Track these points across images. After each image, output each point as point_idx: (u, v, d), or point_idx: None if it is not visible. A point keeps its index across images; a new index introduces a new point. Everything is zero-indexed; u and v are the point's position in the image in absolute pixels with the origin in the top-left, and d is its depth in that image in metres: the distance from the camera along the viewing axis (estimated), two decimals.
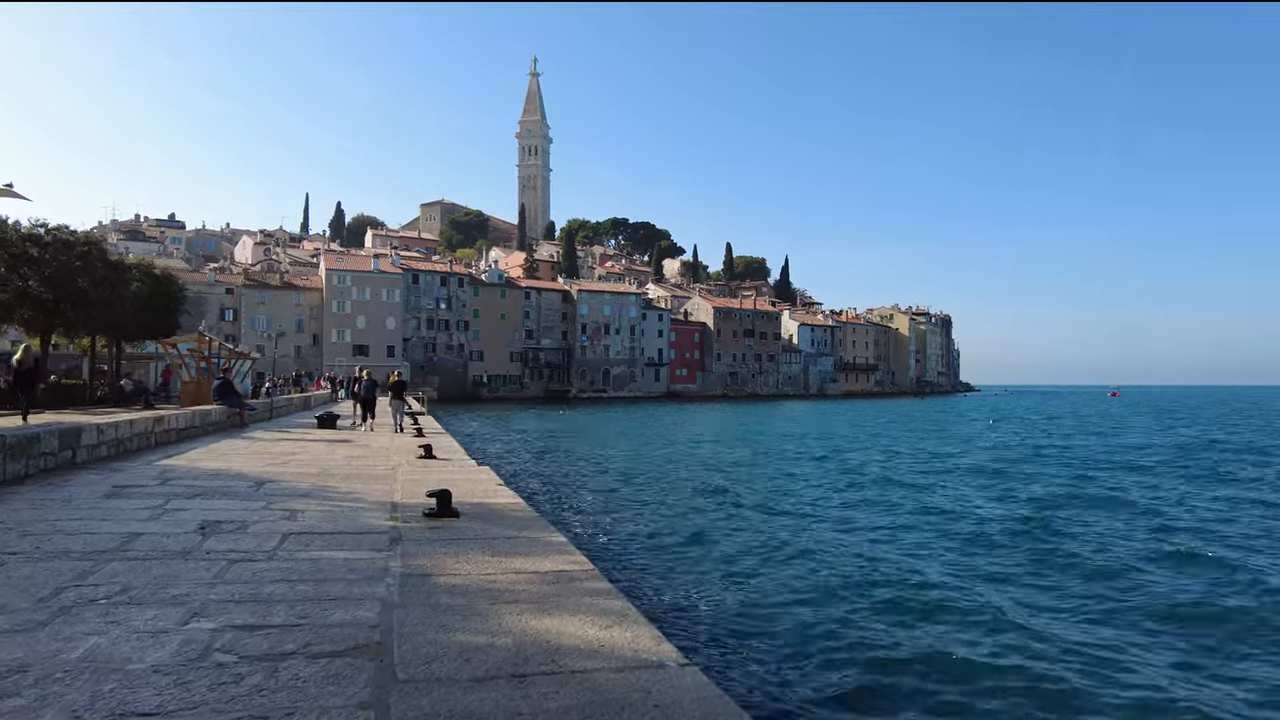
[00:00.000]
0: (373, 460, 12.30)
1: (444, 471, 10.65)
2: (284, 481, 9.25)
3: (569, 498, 20.25)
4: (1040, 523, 17.46)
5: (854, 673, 8.12)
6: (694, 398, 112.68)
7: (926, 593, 11.42)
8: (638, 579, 11.87)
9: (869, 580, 12.11)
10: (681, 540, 15.11)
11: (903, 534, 16.43)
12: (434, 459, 12.41)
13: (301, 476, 9.80)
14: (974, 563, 13.83)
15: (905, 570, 12.84)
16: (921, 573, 12.68)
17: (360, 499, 8.00)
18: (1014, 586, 12.17)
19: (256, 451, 13.26)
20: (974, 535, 16.29)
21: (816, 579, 12.17)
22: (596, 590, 4.49)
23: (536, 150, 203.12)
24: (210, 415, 17.37)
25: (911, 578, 12.27)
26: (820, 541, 15.29)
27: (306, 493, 8.29)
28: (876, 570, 12.79)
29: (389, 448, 14.75)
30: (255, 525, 6.27)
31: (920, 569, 12.99)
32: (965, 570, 13.19)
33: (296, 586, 4.42)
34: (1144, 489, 23.65)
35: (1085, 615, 10.62)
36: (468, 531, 6.20)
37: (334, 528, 6.27)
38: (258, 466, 10.85)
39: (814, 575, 12.44)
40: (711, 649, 8.76)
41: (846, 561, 13.51)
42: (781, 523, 17.42)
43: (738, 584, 11.91)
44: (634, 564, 13.03)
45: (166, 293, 31.89)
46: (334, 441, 15.93)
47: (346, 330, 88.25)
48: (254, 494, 8.07)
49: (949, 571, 13.03)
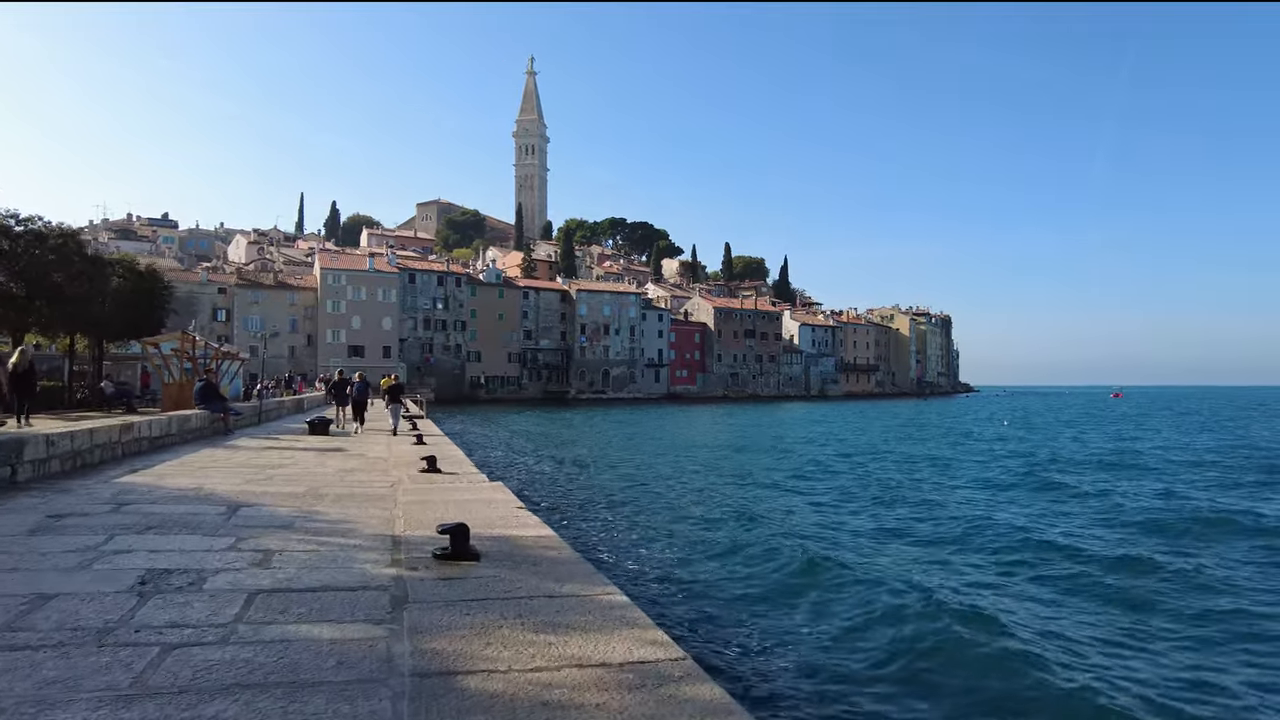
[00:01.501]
0: (369, 474, 10.80)
1: (452, 490, 9.15)
2: (263, 505, 7.74)
3: (592, 517, 17.91)
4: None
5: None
6: (694, 399, 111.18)
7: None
8: (736, 663, 8.52)
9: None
10: (765, 590, 11.81)
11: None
12: (438, 472, 10.91)
13: (284, 498, 8.29)
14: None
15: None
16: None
17: (353, 530, 6.49)
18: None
19: (238, 464, 11.74)
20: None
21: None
22: (707, 705, 2.99)
23: (534, 149, 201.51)
24: (190, 421, 15.83)
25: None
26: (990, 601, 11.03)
27: (288, 522, 6.78)
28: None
29: (387, 458, 13.24)
30: (215, 578, 4.75)
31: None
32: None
33: (256, 703, 2.92)
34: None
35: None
36: (495, 584, 4.70)
37: (319, 580, 4.76)
38: (235, 484, 9.34)
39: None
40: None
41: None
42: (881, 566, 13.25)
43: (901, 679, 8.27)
44: (717, 636, 9.51)
45: (151, 290, 30.30)
46: (325, 450, 14.41)
47: (341, 331, 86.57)
48: (223, 525, 6.56)
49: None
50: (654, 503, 20.43)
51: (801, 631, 9.91)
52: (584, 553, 8.38)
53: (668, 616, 10.12)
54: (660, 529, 16.61)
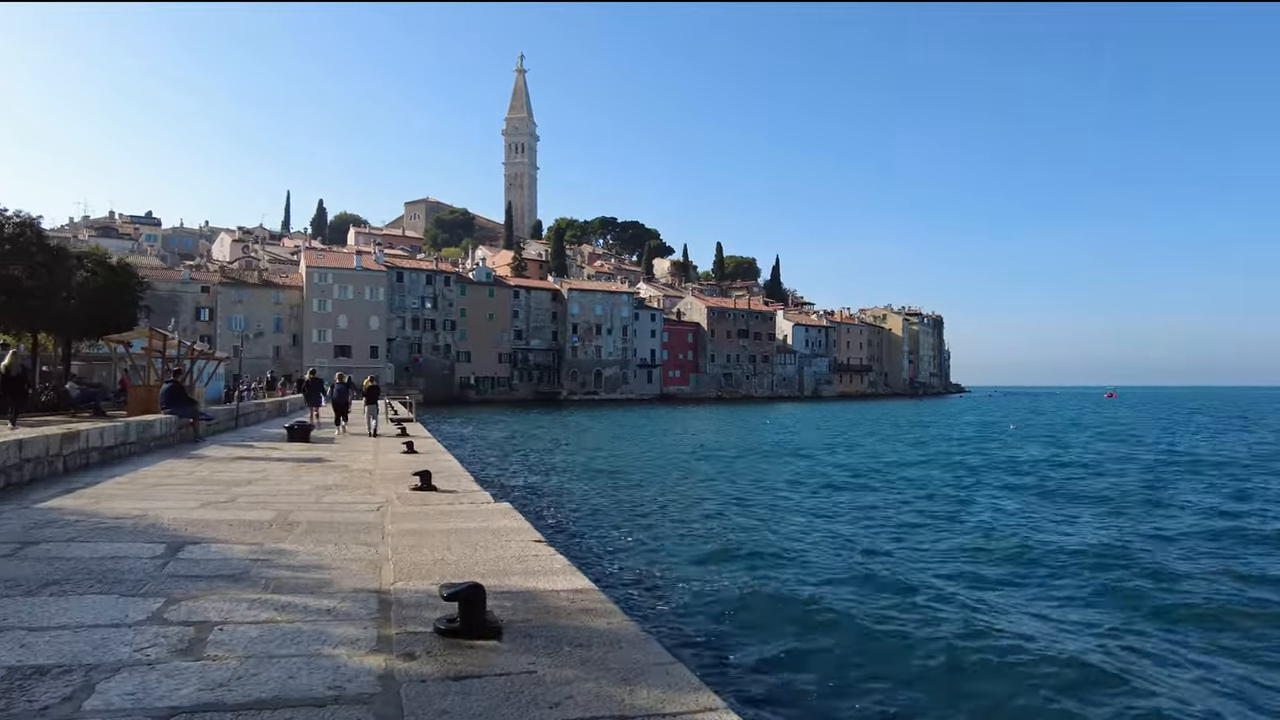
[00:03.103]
0: (351, 493, 9.21)
1: (451, 514, 7.57)
2: (216, 540, 6.14)
3: (609, 540, 15.25)
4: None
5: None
6: (687, 400, 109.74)
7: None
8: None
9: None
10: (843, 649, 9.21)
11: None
12: (433, 490, 9.33)
13: (245, 528, 6.69)
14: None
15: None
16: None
17: (328, 582, 4.91)
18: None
19: (199, 479, 10.11)
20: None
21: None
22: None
23: (523, 148, 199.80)
24: (153, 428, 14.16)
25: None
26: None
27: (241, 569, 5.18)
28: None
29: (372, 470, 11.64)
30: (110, 683, 3.16)
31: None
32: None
33: None
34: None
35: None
36: (531, 689, 3.14)
37: (269, 683, 3.18)
38: (189, 507, 7.73)
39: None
40: None
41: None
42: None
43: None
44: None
45: (124, 285, 28.47)
46: (303, 461, 12.79)
47: (328, 330, 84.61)
48: (153, 576, 4.95)
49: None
50: (674, 524, 18.02)
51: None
52: (629, 610, 6.73)
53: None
54: (693, 561, 13.73)
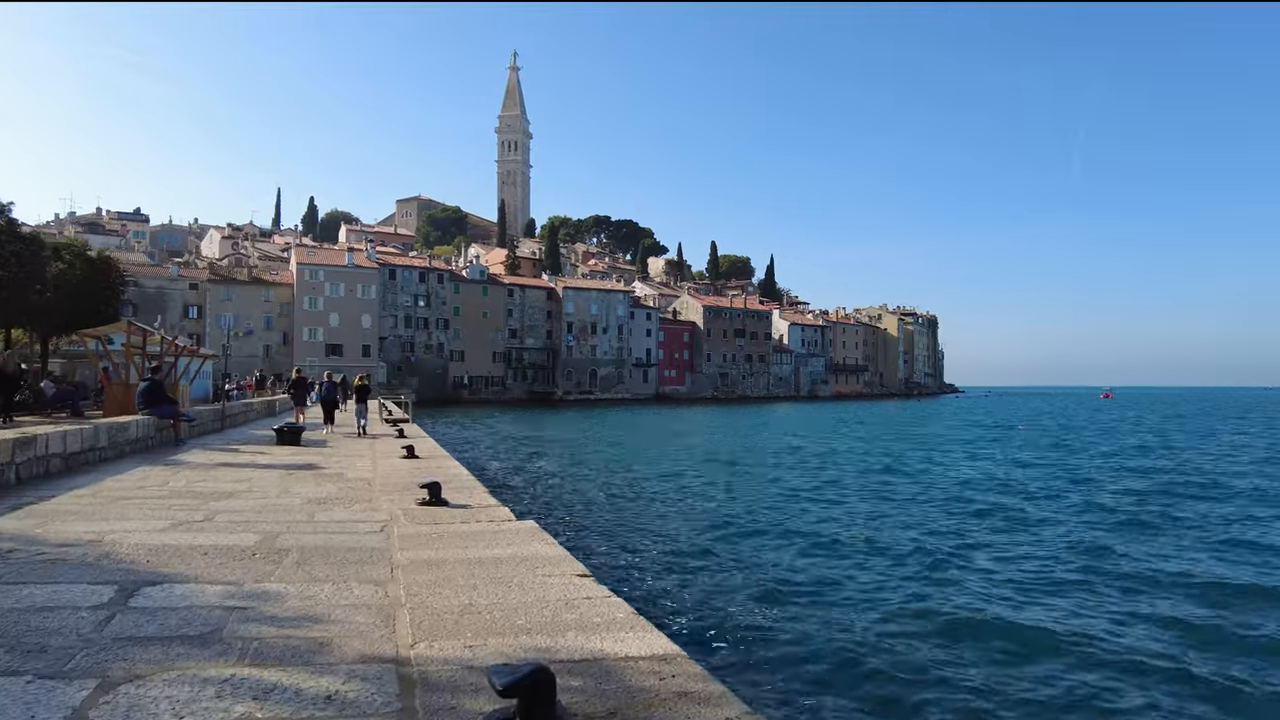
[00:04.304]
0: (349, 508, 7.95)
1: (471, 538, 6.33)
2: (181, 579, 4.88)
3: (665, 569, 12.96)
4: None
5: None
6: (683, 400, 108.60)
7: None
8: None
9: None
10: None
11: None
12: (443, 504, 8.09)
13: (222, 559, 5.43)
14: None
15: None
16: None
17: (325, 644, 3.66)
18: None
19: (174, 492, 8.84)
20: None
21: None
22: None
23: (516, 146, 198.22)
24: (127, 430, 12.86)
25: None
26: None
27: (210, 627, 3.92)
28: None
29: (371, 479, 10.38)
30: None
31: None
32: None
33: None
34: None
35: None
36: None
37: None
38: (156, 529, 6.47)
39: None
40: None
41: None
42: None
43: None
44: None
45: (104, 278, 27.08)
46: (294, 468, 11.51)
47: (319, 328, 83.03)
48: (88, 642, 3.68)
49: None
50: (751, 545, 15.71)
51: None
52: (739, 686, 5.38)
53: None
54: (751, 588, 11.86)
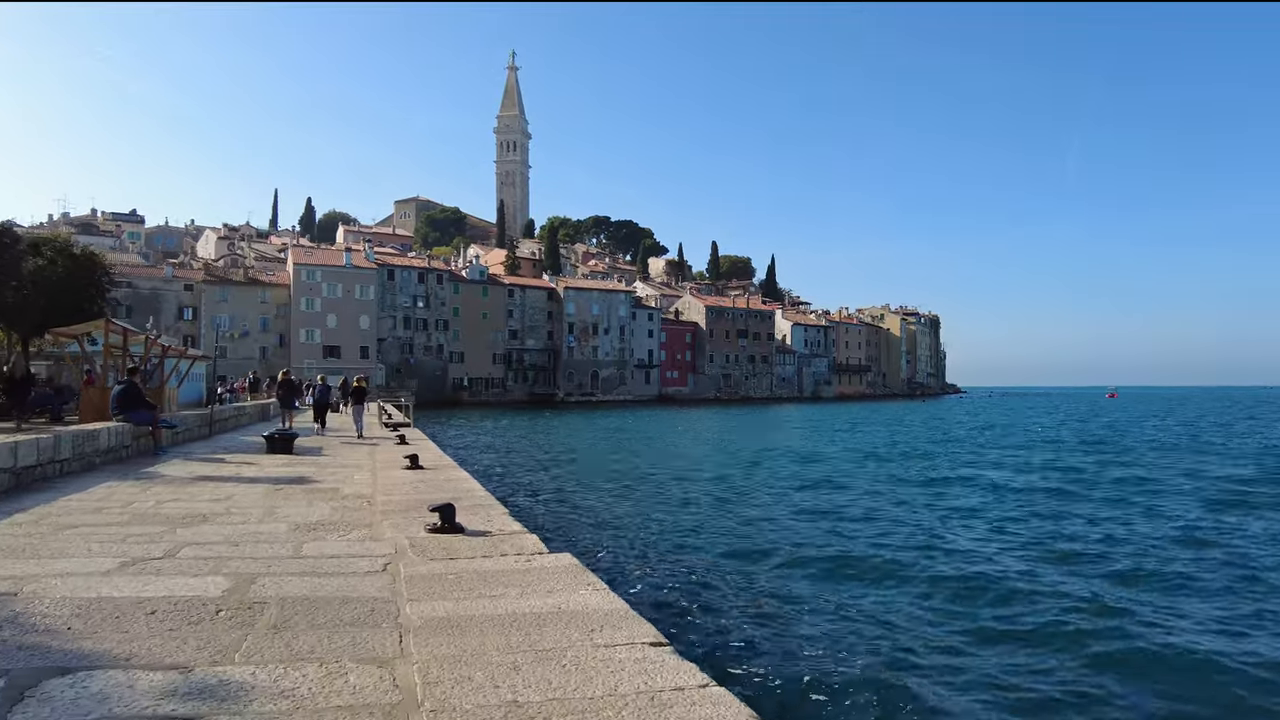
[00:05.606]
0: (345, 537, 6.55)
1: (499, 583, 4.92)
2: (101, 664, 3.45)
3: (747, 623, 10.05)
4: None
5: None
6: (686, 401, 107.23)
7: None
8: None
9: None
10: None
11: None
12: (459, 531, 6.69)
13: (170, 624, 4.02)
14: None
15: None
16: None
17: None
18: None
19: (137, 515, 7.44)
20: None
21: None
22: None
23: (515, 146, 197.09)
24: (96, 439, 11.45)
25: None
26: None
27: None
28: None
29: (370, 495, 8.99)
30: None
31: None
32: None
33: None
34: None
35: None
36: None
37: None
38: (96, 573, 5.07)
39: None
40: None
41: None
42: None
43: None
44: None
45: (88, 275, 25.68)
46: (281, 483, 10.11)
47: (316, 330, 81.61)
48: None
49: None
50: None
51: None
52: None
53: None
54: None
